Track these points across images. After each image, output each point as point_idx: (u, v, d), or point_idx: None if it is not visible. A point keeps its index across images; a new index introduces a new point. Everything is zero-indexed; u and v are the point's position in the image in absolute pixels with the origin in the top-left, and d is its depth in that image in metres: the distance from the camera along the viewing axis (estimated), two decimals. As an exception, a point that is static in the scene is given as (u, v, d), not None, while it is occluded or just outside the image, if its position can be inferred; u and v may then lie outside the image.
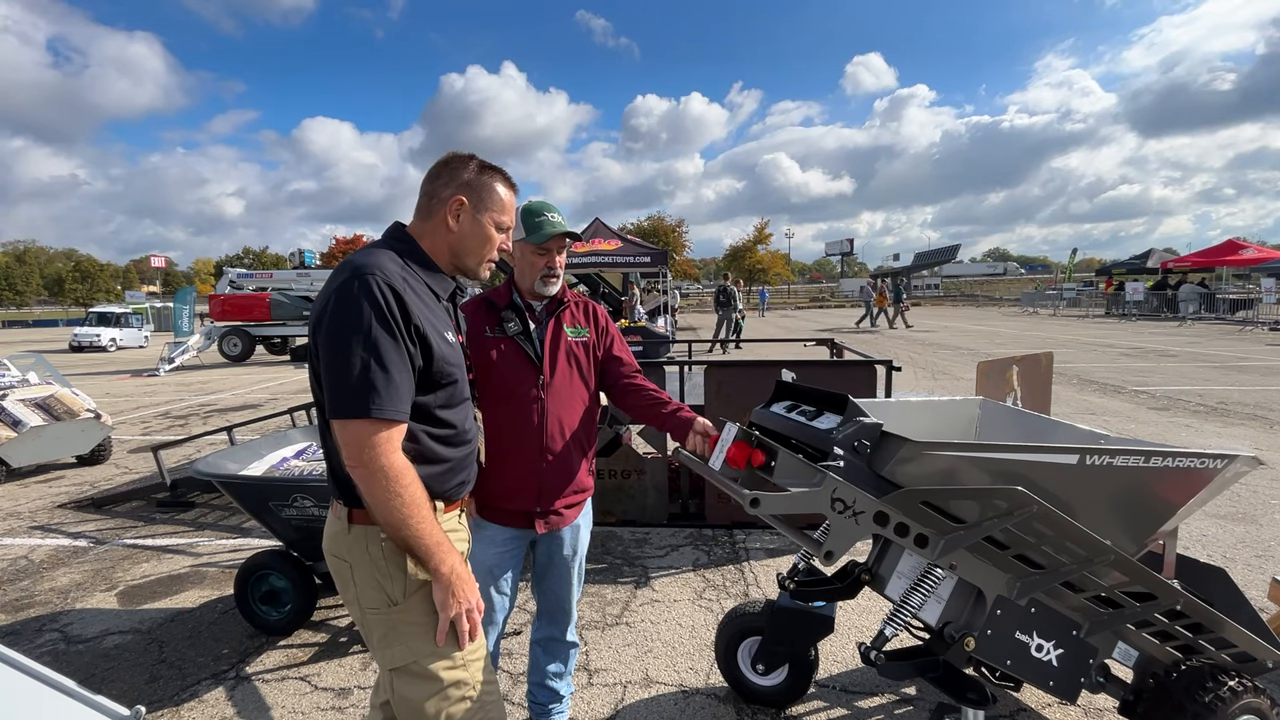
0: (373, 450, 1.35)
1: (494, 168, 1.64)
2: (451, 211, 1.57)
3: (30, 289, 72.28)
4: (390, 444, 1.37)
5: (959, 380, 10.72)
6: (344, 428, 1.36)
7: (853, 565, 2.50)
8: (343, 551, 1.50)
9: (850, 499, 1.70)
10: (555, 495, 2.06)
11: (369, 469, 1.35)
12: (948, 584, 1.99)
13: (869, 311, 24.54)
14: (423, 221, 1.60)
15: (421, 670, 1.44)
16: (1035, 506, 1.70)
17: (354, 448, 1.36)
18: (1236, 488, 5.02)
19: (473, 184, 1.59)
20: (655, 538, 4.33)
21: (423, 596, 1.46)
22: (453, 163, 1.60)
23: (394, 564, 1.45)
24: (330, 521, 1.56)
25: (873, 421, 1.78)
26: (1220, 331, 19.33)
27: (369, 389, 1.34)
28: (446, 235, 1.58)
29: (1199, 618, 1.99)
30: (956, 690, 2.02)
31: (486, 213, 1.60)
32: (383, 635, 1.47)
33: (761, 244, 60.61)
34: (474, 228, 1.59)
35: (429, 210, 1.59)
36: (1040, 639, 1.90)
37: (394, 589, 1.45)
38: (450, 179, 1.59)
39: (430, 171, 1.62)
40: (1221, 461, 1.88)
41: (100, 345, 23.42)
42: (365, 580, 1.47)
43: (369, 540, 1.46)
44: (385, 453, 1.36)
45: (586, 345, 2.14)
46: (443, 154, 1.64)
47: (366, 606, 1.47)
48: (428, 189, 1.60)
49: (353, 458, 1.36)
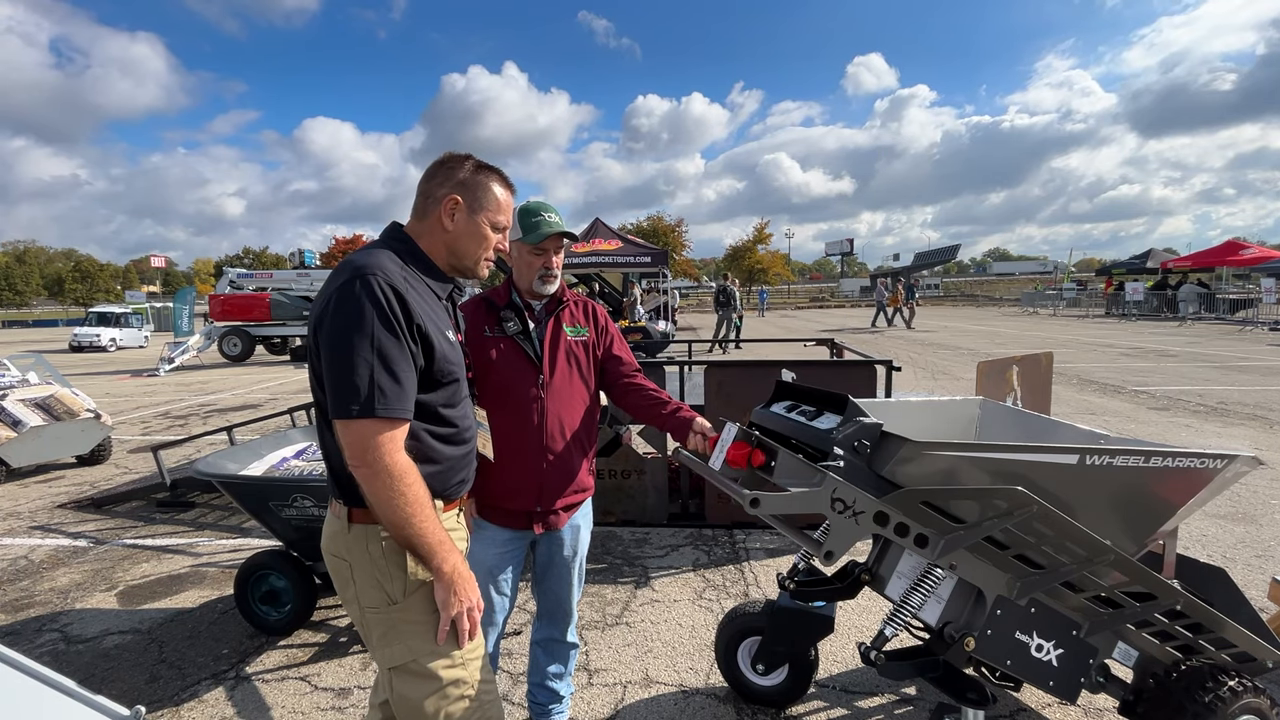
0: (376, 450, 1.35)
1: (490, 167, 1.64)
2: (446, 211, 1.57)
3: (30, 289, 72.26)
4: (394, 443, 1.38)
5: (959, 380, 10.72)
6: (347, 428, 1.36)
7: (853, 565, 2.50)
8: (342, 551, 1.50)
9: (850, 499, 1.70)
10: (555, 495, 2.06)
11: (373, 469, 1.35)
12: (948, 584, 1.99)
13: (881, 310, 24.44)
14: (419, 221, 1.60)
15: (420, 669, 1.44)
16: (1035, 506, 1.70)
17: (357, 447, 1.36)
18: (1236, 488, 5.02)
19: (468, 183, 1.59)
20: (655, 538, 4.33)
21: (422, 595, 1.46)
22: (449, 162, 1.61)
23: (394, 563, 1.46)
24: (329, 521, 1.56)
25: (873, 421, 1.78)
26: (1220, 331, 19.33)
27: (372, 388, 1.35)
28: (442, 235, 1.59)
29: (1199, 618, 1.98)
30: (956, 690, 2.02)
31: (481, 212, 1.60)
32: (382, 634, 1.47)
33: (761, 244, 60.55)
34: (469, 227, 1.59)
35: (424, 210, 1.60)
36: (1040, 639, 1.90)
37: (393, 588, 1.46)
38: (445, 178, 1.59)
39: (426, 171, 1.63)
40: (1221, 461, 1.88)
41: (100, 345, 23.42)
42: (365, 579, 1.47)
43: (369, 539, 1.46)
44: (389, 452, 1.36)
45: (586, 344, 2.14)
46: (441, 154, 1.65)
47: (366, 606, 1.48)
48: (424, 188, 1.61)
49: (356, 457, 1.36)
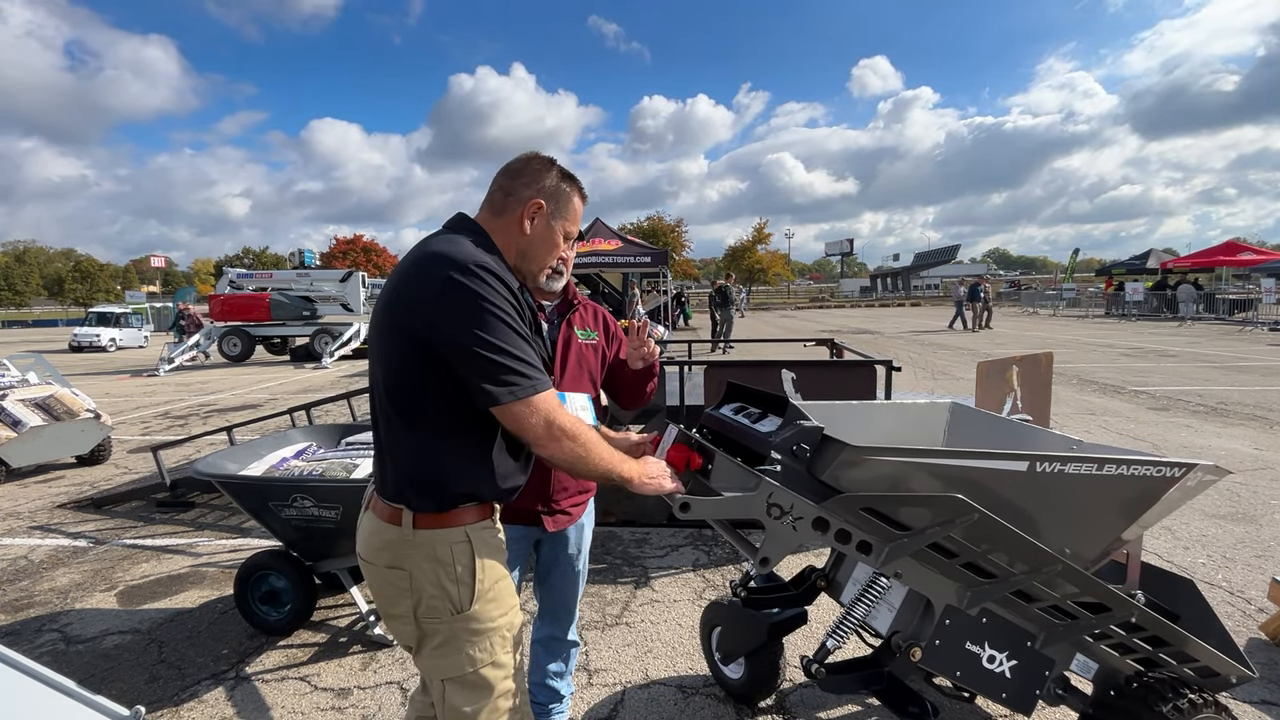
0: (556, 422, 1.39)
1: (572, 176, 1.63)
2: (529, 213, 1.54)
3: (30, 289, 72.22)
4: (560, 408, 1.42)
5: (959, 380, 10.72)
6: (521, 411, 1.37)
7: (809, 571, 2.49)
8: (400, 560, 1.43)
9: (787, 504, 1.65)
10: (564, 493, 2.09)
11: (557, 439, 1.39)
12: (899, 592, 1.94)
13: (960, 314, 23.13)
14: (495, 217, 1.56)
15: (478, 679, 1.43)
16: (975, 514, 1.65)
17: (540, 427, 1.38)
18: (1236, 488, 5.02)
19: (553, 190, 1.57)
20: (655, 538, 4.33)
21: (486, 603, 1.45)
22: (536, 163, 1.59)
23: (465, 569, 1.43)
24: (379, 530, 1.47)
25: (813, 425, 1.71)
26: (1220, 331, 19.33)
27: (528, 366, 1.38)
28: (518, 236, 1.55)
29: (1155, 630, 1.93)
30: (898, 705, 1.98)
31: (560, 220, 1.59)
32: (439, 644, 1.43)
33: (761, 244, 60.55)
34: (546, 233, 1.58)
35: (503, 206, 1.55)
36: (993, 650, 1.86)
37: (462, 595, 1.43)
38: (532, 180, 1.56)
39: (510, 168, 1.59)
40: (1179, 470, 1.82)
41: (100, 345, 23.43)
42: (428, 588, 1.42)
43: (437, 545, 1.42)
44: (560, 417, 1.40)
45: (595, 348, 2.17)
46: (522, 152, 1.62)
47: (424, 617, 1.43)
48: (506, 185, 1.57)
49: (542, 436, 1.38)
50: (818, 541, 1.72)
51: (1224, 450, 6.13)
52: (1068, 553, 1.80)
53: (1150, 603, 2.02)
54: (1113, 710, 1.91)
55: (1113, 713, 1.91)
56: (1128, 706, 1.88)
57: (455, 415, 1.41)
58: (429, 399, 1.40)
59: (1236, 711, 2.35)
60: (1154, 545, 4.03)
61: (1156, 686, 1.88)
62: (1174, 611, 2.11)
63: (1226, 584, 3.55)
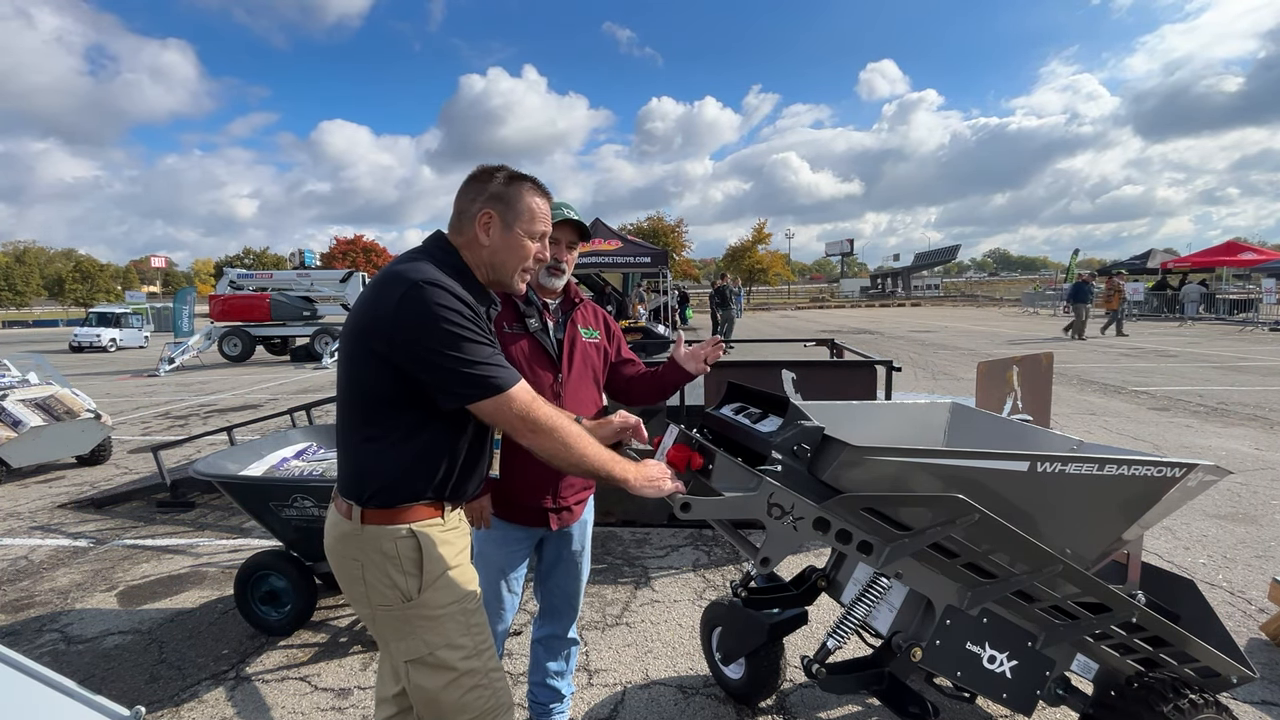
0: (535, 411, 1.43)
1: (522, 176, 1.62)
2: (481, 226, 1.56)
3: (30, 289, 72.20)
4: (537, 399, 1.47)
5: (959, 380, 10.71)
6: (498, 406, 1.42)
7: (810, 571, 2.49)
8: (354, 551, 1.51)
9: (788, 504, 1.65)
10: (570, 490, 2.11)
11: (537, 430, 1.43)
12: (900, 592, 1.94)
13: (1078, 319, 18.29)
14: (458, 236, 1.60)
15: (436, 661, 1.51)
16: (976, 515, 1.65)
17: (519, 418, 1.43)
18: (1236, 488, 5.02)
19: (501, 196, 1.57)
20: (655, 538, 4.33)
21: (434, 591, 1.51)
22: (480, 176, 1.60)
23: (410, 561, 1.50)
24: (336, 523, 1.56)
25: (814, 425, 1.71)
26: (1220, 331, 19.32)
27: (497, 365, 1.43)
28: (480, 249, 1.58)
29: (1156, 630, 1.93)
30: (898, 705, 1.99)
31: (517, 223, 1.58)
32: (395, 630, 1.52)
33: (761, 244, 60.50)
34: (505, 241, 1.58)
35: (459, 226, 1.59)
36: (993, 650, 1.86)
37: (409, 585, 1.50)
38: (478, 193, 1.58)
39: (461, 186, 1.62)
40: (1180, 470, 1.82)
41: (100, 345, 23.43)
42: (377, 578, 1.50)
43: (383, 539, 1.49)
44: (539, 408, 1.45)
45: (598, 347, 2.20)
46: (473, 166, 1.64)
47: (377, 604, 1.51)
48: (458, 204, 1.61)
49: (522, 426, 1.43)
50: (818, 541, 1.72)
51: (1224, 450, 6.13)
52: (1068, 553, 1.80)
53: (1151, 603, 2.02)
54: (1113, 710, 1.91)
55: (1113, 713, 1.91)
56: (1128, 707, 1.87)
57: (403, 422, 1.48)
58: (379, 408, 1.48)
59: (1237, 712, 2.35)
60: (1154, 545, 4.03)
61: (1157, 687, 1.88)
62: (1174, 612, 2.11)
63: (1227, 584, 3.54)
